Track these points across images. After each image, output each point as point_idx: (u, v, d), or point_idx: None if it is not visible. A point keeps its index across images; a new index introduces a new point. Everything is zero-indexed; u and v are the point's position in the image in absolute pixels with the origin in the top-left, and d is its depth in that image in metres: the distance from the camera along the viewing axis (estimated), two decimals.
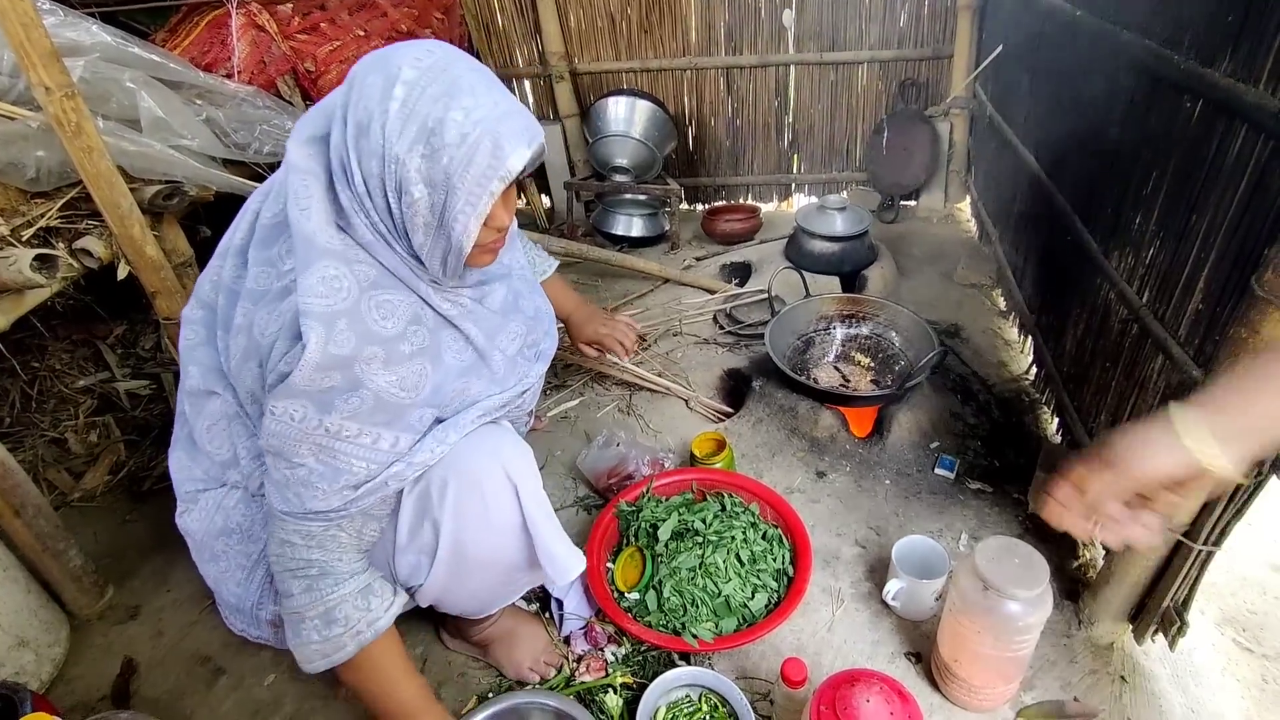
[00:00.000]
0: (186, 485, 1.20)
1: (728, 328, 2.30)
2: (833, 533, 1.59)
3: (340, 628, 1.01)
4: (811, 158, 3.11)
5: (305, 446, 0.94)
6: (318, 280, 0.89)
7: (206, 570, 1.24)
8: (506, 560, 1.12)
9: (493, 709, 1.21)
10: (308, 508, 0.97)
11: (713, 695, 1.25)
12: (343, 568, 1.02)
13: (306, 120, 0.96)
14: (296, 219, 0.91)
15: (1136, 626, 1.31)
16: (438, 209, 0.90)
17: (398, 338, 0.96)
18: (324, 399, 0.92)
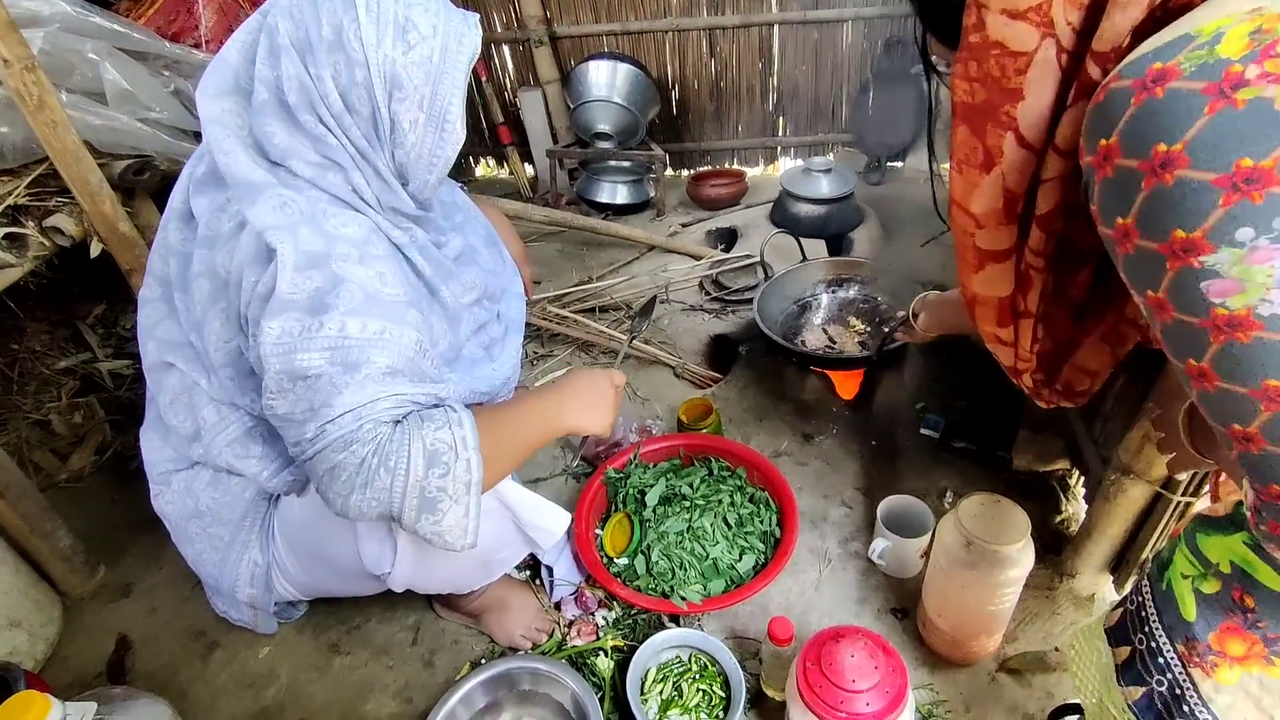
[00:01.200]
0: (159, 467, 1.19)
1: (714, 293, 2.29)
2: (820, 494, 1.60)
3: (444, 466, 0.88)
4: (797, 120, 3.07)
5: (314, 353, 0.86)
6: (269, 207, 0.89)
7: (186, 552, 1.25)
8: (477, 545, 1.09)
9: (486, 674, 1.22)
10: (334, 407, 0.86)
11: (702, 655, 1.27)
12: (392, 445, 0.88)
13: (212, 75, 0.94)
14: (226, 165, 0.91)
15: (1117, 578, 1.33)
16: (427, 100, 0.91)
17: (364, 241, 0.92)
18: (314, 302, 0.86)
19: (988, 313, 0.76)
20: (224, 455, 1.09)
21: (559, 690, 1.22)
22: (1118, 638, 0.76)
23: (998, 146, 0.66)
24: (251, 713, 1.29)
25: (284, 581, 1.23)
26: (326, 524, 1.10)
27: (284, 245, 0.86)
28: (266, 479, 1.10)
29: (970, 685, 1.25)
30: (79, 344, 2.00)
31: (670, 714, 1.19)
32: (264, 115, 0.90)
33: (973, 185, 0.69)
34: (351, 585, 1.24)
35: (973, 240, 0.72)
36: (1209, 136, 0.46)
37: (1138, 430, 1.14)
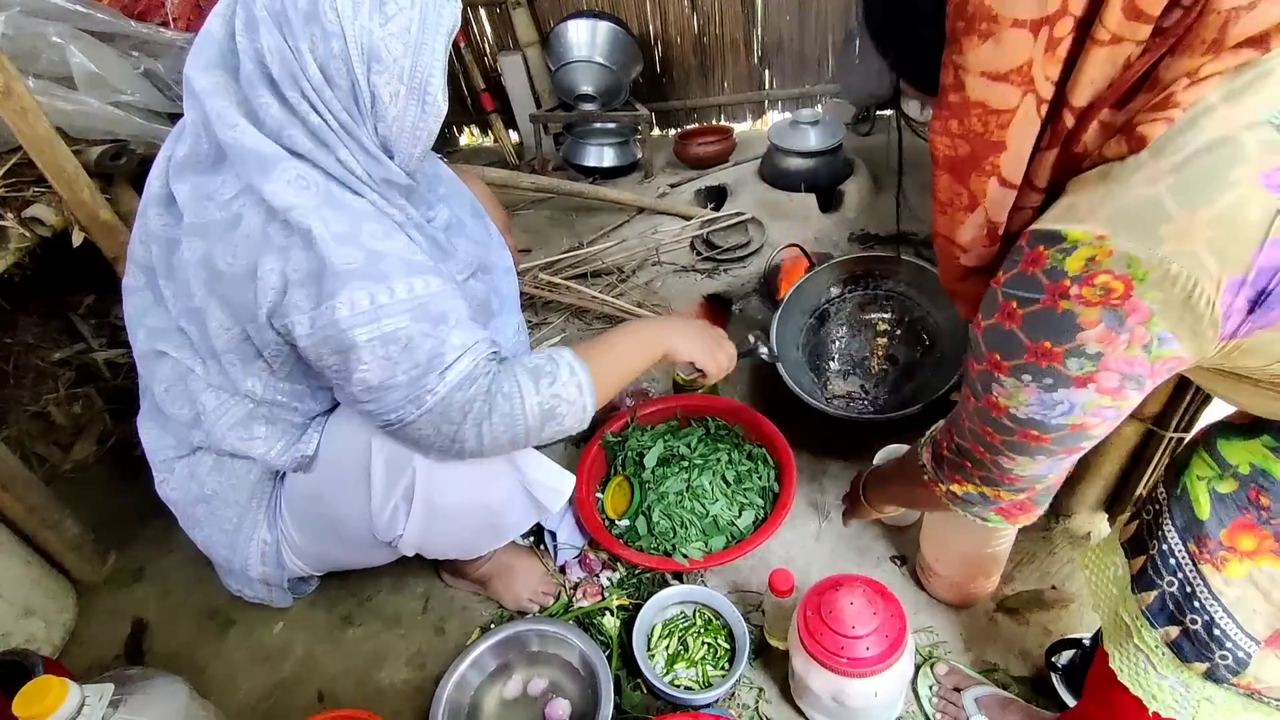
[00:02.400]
0: (160, 454, 1.20)
1: (706, 253, 2.28)
2: (818, 448, 1.61)
3: (550, 377, 0.97)
4: (783, 72, 3.01)
5: (398, 316, 0.88)
6: (284, 184, 0.88)
7: (195, 536, 1.26)
8: (485, 508, 1.12)
9: (496, 638, 1.25)
10: (446, 354, 0.90)
11: (706, 610, 1.29)
12: (503, 374, 0.95)
13: (199, 49, 0.92)
14: (232, 138, 0.89)
15: (1111, 515, 1.35)
16: (407, 72, 0.90)
17: (378, 217, 0.94)
18: (373, 268, 0.88)
19: (967, 300, 0.81)
20: (227, 439, 1.09)
21: (567, 650, 1.25)
22: (1134, 549, 0.77)
23: (981, 190, 0.69)
24: (270, 685, 1.32)
25: (294, 557, 1.24)
26: (335, 495, 1.11)
27: (315, 223, 0.87)
28: (275, 457, 1.10)
29: (969, 626, 1.27)
30: (72, 335, 1.99)
31: (677, 668, 1.22)
32: (255, 87, 0.89)
33: (957, 223, 0.73)
34: (362, 555, 1.26)
35: (958, 260, 0.77)
36: (1035, 320, 0.63)
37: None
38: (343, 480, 1.09)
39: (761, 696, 1.21)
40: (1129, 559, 0.77)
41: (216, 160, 0.94)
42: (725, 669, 1.21)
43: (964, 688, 1.14)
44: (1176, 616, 0.71)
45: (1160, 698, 0.74)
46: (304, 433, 1.10)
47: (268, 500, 1.19)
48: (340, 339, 0.88)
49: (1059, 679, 1.14)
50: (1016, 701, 1.11)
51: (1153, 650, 0.73)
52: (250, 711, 1.28)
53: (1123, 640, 0.76)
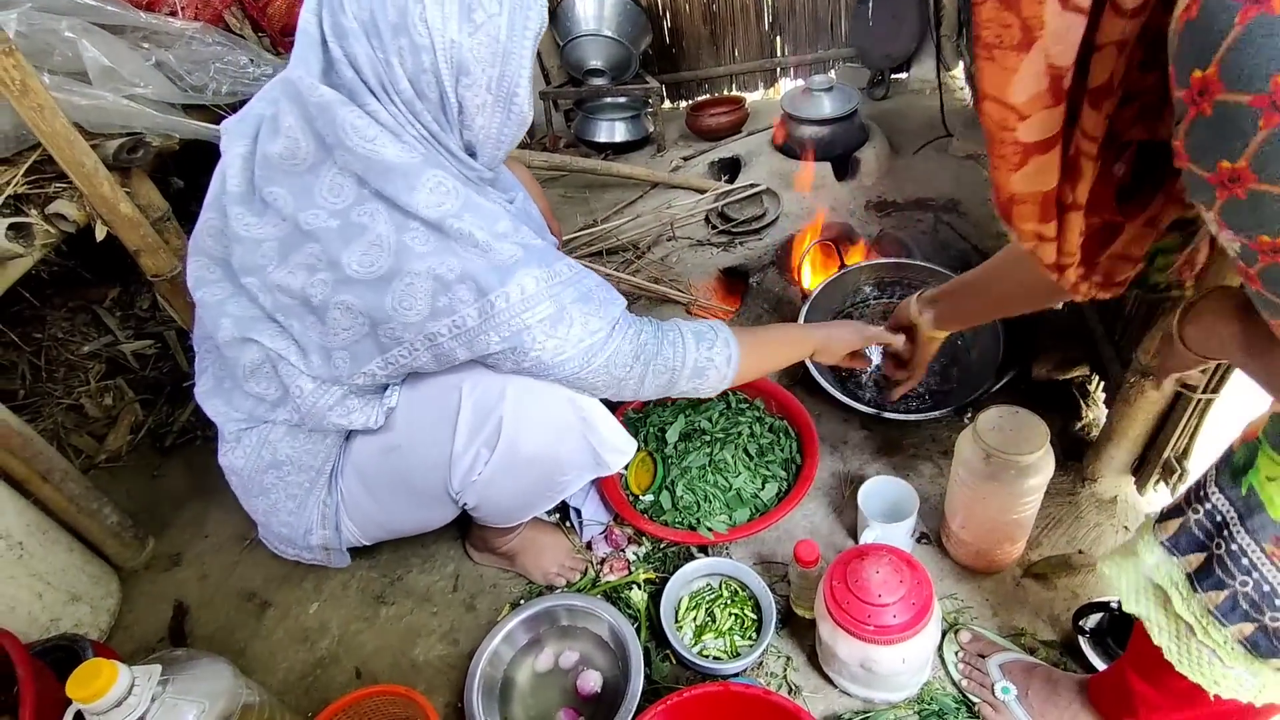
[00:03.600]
0: (229, 425, 1.22)
1: (721, 226, 2.26)
2: (839, 419, 1.61)
3: (709, 342, 1.13)
4: (796, 38, 2.96)
5: (567, 289, 0.98)
6: (428, 194, 0.92)
7: (255, 505, 1.28)
8: (555, 459, 1.16)
9: (526, 613, 1.28)
10: (613, 313, 1.03)
11: (732, 582, 1.31)
12: (662, 330, 1.11)
13: (308, 52, 0.92)
14: (370, 152, 0.90)
15: (1139, 478, 1.34)
16: (494, 82, 0.91)
17: (505, 213, 1.00)
18: (532, 256, 0.96)
19: (1030, 210, 0.68)
20: (329, 418, 1.11)
21: (597, 624, 1.27)
22: (1186, 546, 0.75)
23: (1036, 16, 0.55)
24: (308, 664, 1.36)
25: (350, 523, 1.27)
26: (414, 443, 1.14)
27: (471, 225, 0.92)
28: (374, 421, 1.13)
29: (996, 591, 1.28)
30: (99, 328, 2.03)
31: (705, 638, 1.24)
32: (359, 95, 0.90)
33: (1008, 71, 0.58)
34: (420, 512, 1.28)
35: (1013, 135, 0.62)
36: None
37: (1158, 330, 1.13)
38: (425, 427, 1.12)
39: (790, 665, 1.22)
40: (1182, 555, 0.75)
41: (315, 164, 0.96)
42: (753, 639, 1.23)
43: (989, 654, 1.15)
44: (1253, 615, 0.69)
45: (1225, 683, 0.73)
46: (385, 389, 1.14)
47: (334, 464, 1.23)
48: (512, 323, 0.95)
49: (1087, 642, 1.14)
50: (1041, 666, 1.11)
51: (1220, 645, 0.72)
52: (291, 689, 1.32)
53: (1182, 636, 0.75)
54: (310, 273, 1.00)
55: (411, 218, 0.93)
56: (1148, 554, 0.78)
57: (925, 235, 2.05)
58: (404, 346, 1.01)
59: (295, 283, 1.01)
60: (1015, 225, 0.71)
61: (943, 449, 1.52)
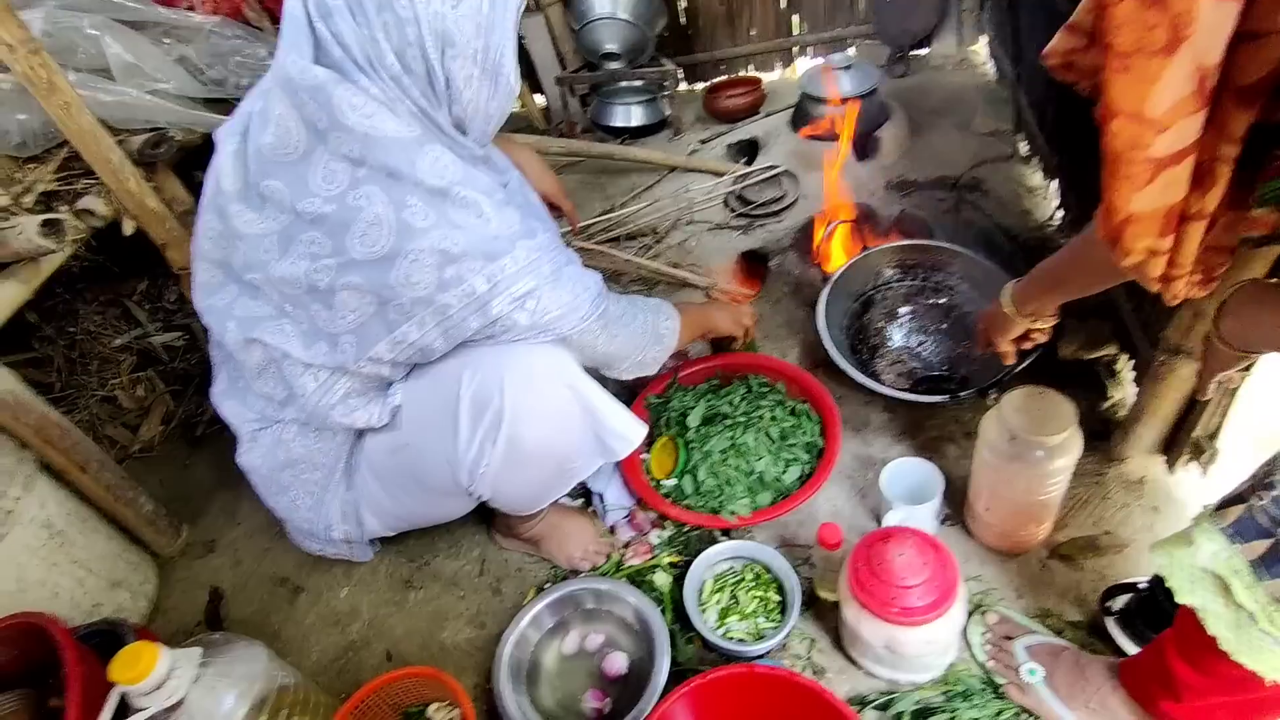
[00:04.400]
0: (245, 426, 1.25)
1: (739, 209, 2.25)
2: (861, 401, 1.60)
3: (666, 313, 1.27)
4: (813, 15, 2.91)
5: (558, 255, 1.05)
6: (429, 164, 0.94)
7: (276, 502, 1.32)
8: (560, 450, 1.16)
9: (552, 597, 1.29)
10: (592, 284, 1.10)
11: (756, 564, 1.31)
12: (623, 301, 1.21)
13: (297, 36, 0.92)
14: (371, 128, 0.92)
15: (1168, 458, 1.32)
16: (480, 54, 0.92)
17: (497, 186, 1.04)
18: (525, 228, 1.01)
19: (1147, 228, 0.61)
20: (332, 415, 1.13)
21: (622, 607, 1.28)
22: (1250, 533, 0.73)
23: (1188, 11, 0.47)
24: (341, 647, 1.39)
25: (370, 516, 1.30)
26: (421, 441, 1.16)
27: (476, 195, 0.96)
28: (377, 420, 1.16)
29: (1021, 573, 1.27)
30: (129, 321, 2.07)
31: (729, 621, 1.25)
32: (350, 73, 0.90)
33: (1148, 81, 0.51)
34: (437, 505, 1.31)
35: (1146, 152, 0.55)
36: None
37: (1188, 308, 1.10)
38: (429, 424, 1.14)
39: (814, 646, 1.23)
40: (1245, 541, 0.73)
41: (308, 151, 0.96)
42: (777, 621, 1.24)
43: (1016, 636, 1.14)
44: None
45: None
46: (389, 388, 1.16)
47: (348, 460, 1.25)
48: (516, 288, 1.00)
49: (1114, 623, 1.13)
50: (1069, 649, 1.11)
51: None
52: (324, 671, 1.35)
53: (1242, 624, 0.74)
54: (313, 260, 1.00)
55: (411, 191, 0.94)
56: (1207, 541, 0.76)
57: (948, 214, 2.02)
58: (413, 322, 1.02)
59: (298, 271, 1.01)
60: (1125, 245, 0.63)
61: (966, 431, 1.50)
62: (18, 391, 1.30)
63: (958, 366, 1.62)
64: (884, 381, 1.55)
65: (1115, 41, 0.50)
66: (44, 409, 1.35)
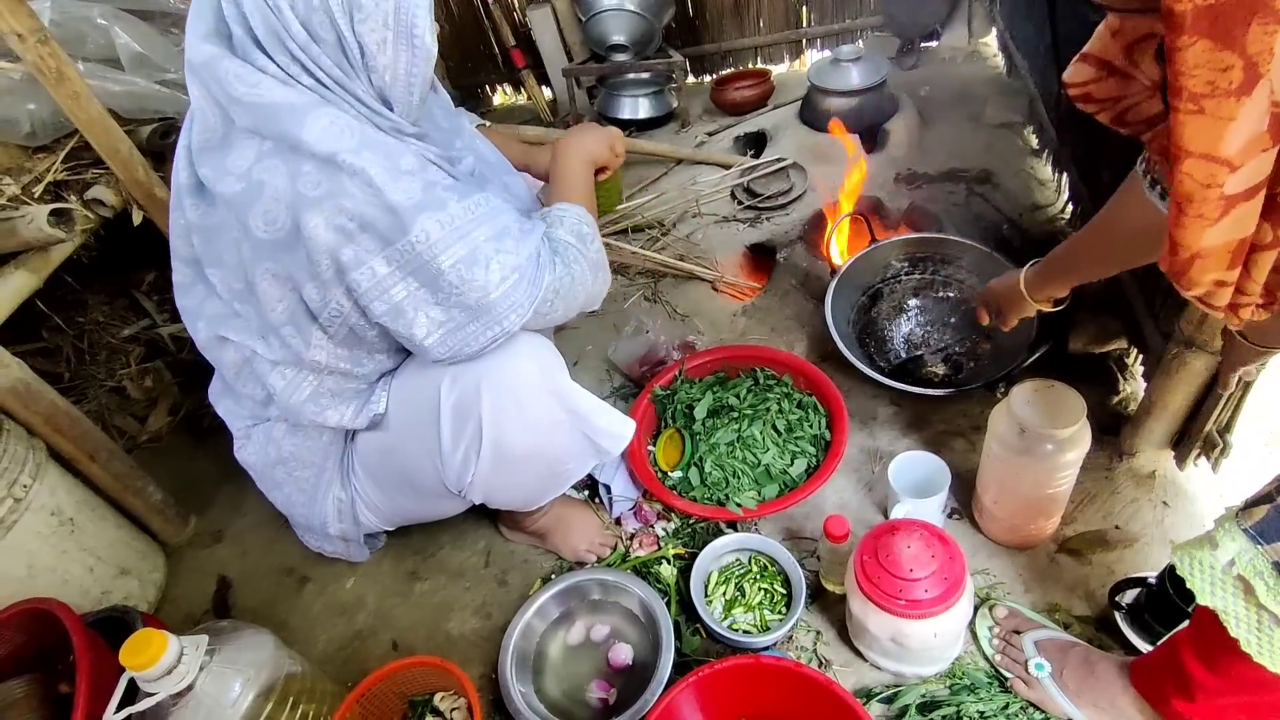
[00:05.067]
0: (237, 424, 1.26)
1: (747, 202, 2.24)
2: (868, 394, 1.60)
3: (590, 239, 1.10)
4: (822, 7, 2.89)
5: (480, 228, 0.95)
6: (320, 130, 0.89)
7: (274, 497, 1.33)
8: (549, 455, 1.15)
9: (558, 588, 1.30)
10: (527, 248, 0.99)
11: (761, 557, 1.31)
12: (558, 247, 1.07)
13: (198, 16, 0.91)
14: (255, 97, 0.88)
15: (1178, 453, 1.31)
16: (390, 16, 0.88)
17: (412, 151, 0.96)
18: (431, 197, 0.92)
19: (1216, 262, 0.59)
20: (303, 413, 1.13)
21: (627, 598, 1.28)
22: (1272, 533, 0.72)
23: (1266, 50, 0.46)
24: (347, 636, 1.39)
25: (368, 513, 1.30)
26: (407, 447, 1.16)
27: (367, 163, 0.89)
28: (350, 422, 1.15)
29: (1030, 567, 1.26)
30: (138, 311, 2.08)
31: (735, 613, 1.25)
32: (250, 53, 0.88)
33: (1224, 121, 0.49)
34: (434, 506, 1.31)
35: (1219, 191, 0.53)
36: None
37: None
38: (413, 431, 1.13)
39: (819, 639, 1.23)
40: (1265, 543, 0.72)
41: (225, 135, 0.95)
42: (782, 613, 1.23)
43: (1024, 630, 1.14)
44: None
45: None
46: (373, 393, 1.15)
47: (339, 459, 1.25)
48: (426, 269, 0.93)
49: (1123, 618, 1.13)
50: (1079, 645, 1.10)
51: None
52: (330, 660, 1.36)
53: (1264, 626, 0.73)
54: (237, 247, 0.99)
55: (304, 159, 0.90)
56: (1229, 541, 0.75)
57: (957, 208, 2.01)
58: (331, 307, 0.99)
59: (233, 262, 1.00)
60: (1191, 278, 0.62)
61: (974, 424, 1.50)
62: (28, 380, 1.31)
63: (966, 360, 1.61)
64: (891, 375, 1.54)
65: (1187, 85, 0.49)
66: (54, 398, 1.35)
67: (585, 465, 1.22)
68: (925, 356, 1.64)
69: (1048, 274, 1.16)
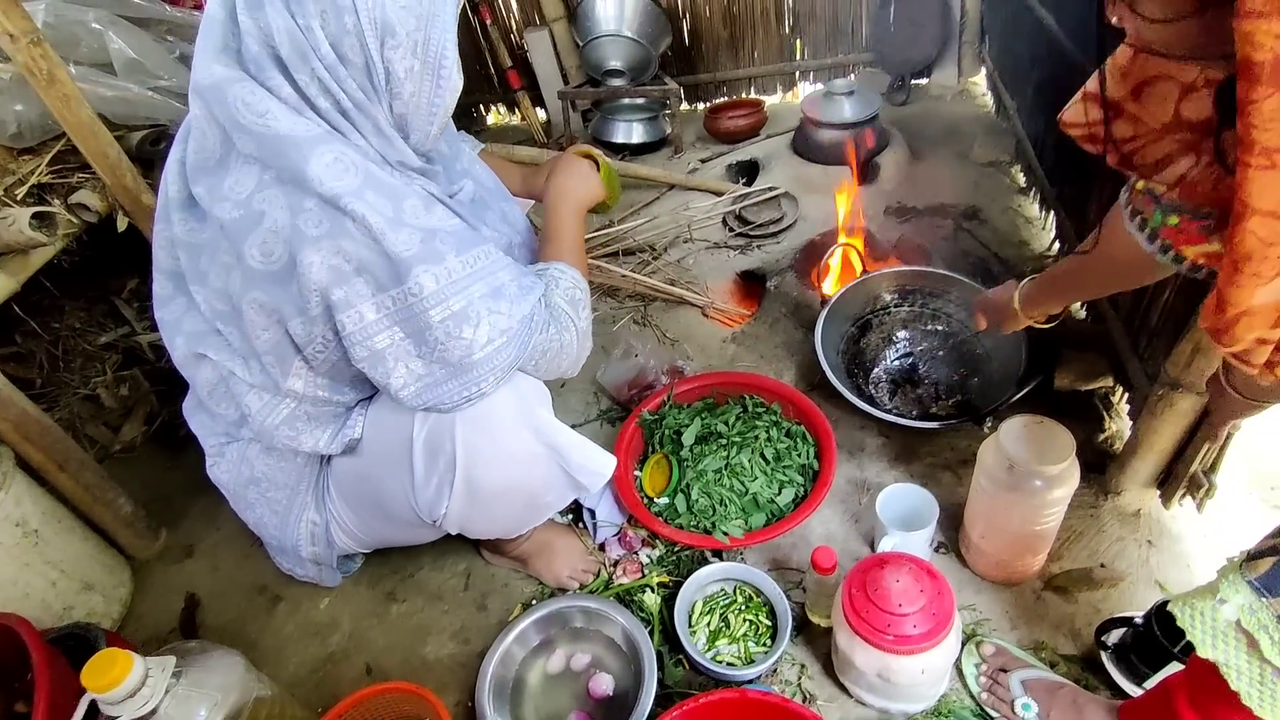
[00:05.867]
0: (210, 440, 1.23)
1: (738, 229, 2.25)
2: (856, 425, 1.59)
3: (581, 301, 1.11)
4: (815, 41, 2.94)
5: (474, 285, 0.94)
6: (324, 167, 0.87)
7: (246, 517, 1.29)
8: (525, 490, 1.13)
9: (538, 614, 1.27)
10: (521, 310, 0.98)
11: (747, 587, 1.29)
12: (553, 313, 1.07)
13: (206, 34, 0.90)
14: (262, 127, 0.87)
15: (1164, 493, 1.32)
16: (421, 45, 0.88)
17: (415, 191, 0.95)
18: (429, 250, 0.91)
19: (1261, 320, 0.59)
20: (277, 436, 1.10)
21: (610, 626, 1.26)
22: (1277, 586, 0.71)
23: None
24: (319, 659, 1.35)
25: (343, 536, 1.27)
26: (381, 475, 1.13)
27: (367, 210, 0.88)
28: (324, 447, 1.12)
29: (1015, 604, 1.26)
30: (116, 319, 2.04)
31: (719, 644, 1.23)
32: (263, 70, 0.87)
33: None
34: (408, 533, 1.28)
35: (1277, 249, 0.52)
36: None
37: (1187, 343, 1.10)
38: (387, 461, 1.11)
39: (804, 672, 1.21)
40: (1270, 596, 0.71)
41: (223, 157, 0.93)
42: (767, 645, 1.21)
43: (1011, 669, 1.13)
44: None
45: None
46: (349, 417, 1.12)
47: (314, 481, 1.22)
48: (415, 320, 0.92)
49: (1109, 658, 1.12)
50: (1067, 686, 1.09)
51: None
52: (301, 684, 1.32)
53: (1267, 680, 0.72)
54: (227, 271, 0.97)
55: (307, 195, 0.88)
56: (1232, 594, 0.74)
57: (946, 242, 2.03)
58: (316, 343, 0.98)
59: (220, 284, 0.99)
60: (1234, 335, 0.61)
61: (961, 458, 1.50)
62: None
63: (954, 393, 1.62)
64: (879, 405, 1.54)
65: (1260, 138, 0.47)
66: (24, 405, 1.31)
67: (565, 498, 1.20)
68: (914, 388, 1.64)
69: (1041, 292, 1.20)
